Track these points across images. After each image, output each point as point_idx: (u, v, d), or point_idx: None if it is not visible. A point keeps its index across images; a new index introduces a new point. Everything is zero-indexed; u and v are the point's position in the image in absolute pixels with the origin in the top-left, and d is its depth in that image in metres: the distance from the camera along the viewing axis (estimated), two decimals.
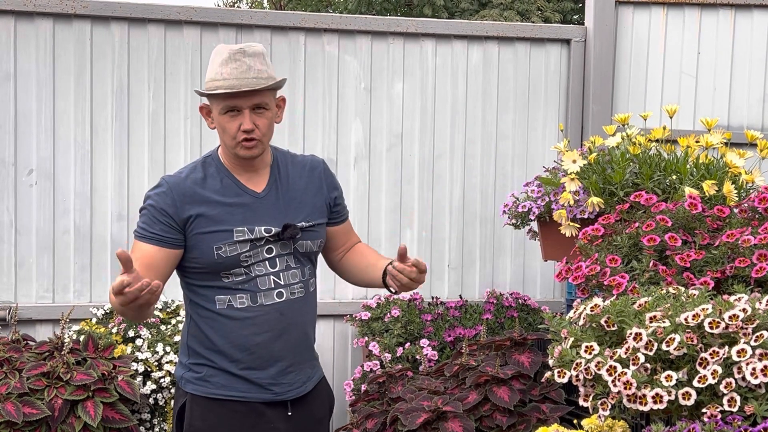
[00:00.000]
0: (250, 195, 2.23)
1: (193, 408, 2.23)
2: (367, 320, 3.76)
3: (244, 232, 2.18)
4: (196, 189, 2.19)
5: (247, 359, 2.21)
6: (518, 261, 4.26)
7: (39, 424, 3.07)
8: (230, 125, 2.16)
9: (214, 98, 2.17)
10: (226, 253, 2.17)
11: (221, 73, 2.13)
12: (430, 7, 12.34)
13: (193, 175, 2.23)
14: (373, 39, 4.09)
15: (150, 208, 2.19)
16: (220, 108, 2.16)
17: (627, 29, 4.24)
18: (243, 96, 2.13)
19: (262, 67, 2.15)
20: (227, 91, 2.12)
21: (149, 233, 2.18)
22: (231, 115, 2.16)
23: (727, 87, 4.29)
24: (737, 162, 2.65)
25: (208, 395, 2.22)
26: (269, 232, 2.20)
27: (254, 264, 2.20)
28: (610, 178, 2.78)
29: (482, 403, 2.95)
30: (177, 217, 2.17)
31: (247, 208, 2.21)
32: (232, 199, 2.21)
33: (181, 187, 2.19)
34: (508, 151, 4.22)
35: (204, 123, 3.94)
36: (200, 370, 2.24)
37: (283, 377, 2.25)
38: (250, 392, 2.22)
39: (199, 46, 3.93)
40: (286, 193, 2.28)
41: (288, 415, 2.26)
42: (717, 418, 1.60)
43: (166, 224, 2.17)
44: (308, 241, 2.28)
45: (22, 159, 3.78)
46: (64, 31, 3.80)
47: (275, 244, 2.22)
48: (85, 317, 3.70)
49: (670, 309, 1.81)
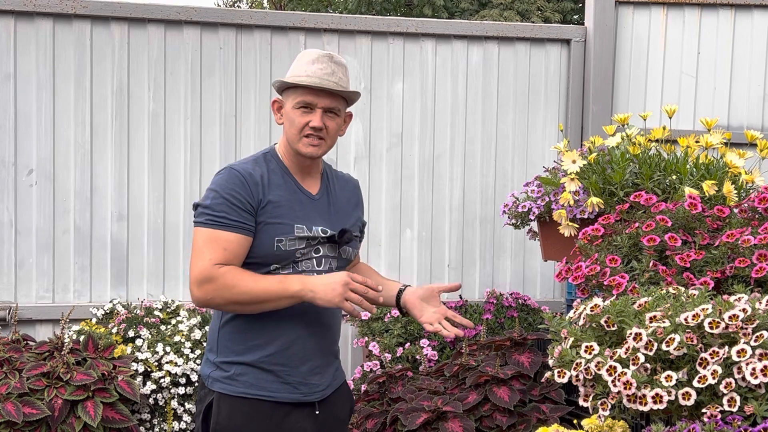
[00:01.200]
0: (307, 195, 2.28)
1: (221, 406, 2.23)
2: (367, 320, 3.76)
3: (303, 229, 2.22)
4: (264, 179, 2.23)
5: (280, 355, 2.22)
6: (518, 261, 4.26)
7: (39, 424, 3.07)
8: (300, 119, 2.22)
9: (291, 92, 2.23)
10: (286, 246, 2.20)
11: (306, 70, 2.21)
12: (430, 7, 12.34)
13: (257, 167, 2.26)
14: (373, 39, 4.09)
15: (228, 196, 2.17)
16: (296, 101, 2.22)
17: (627, 29, 4.24)
18: (320, 95, 2.21)
19: (344, 76, 2.25)
20: (309, 85, 2.18)
21: (232, 221, 2.16)
22: (304, 111, 2.22)
23: (727, 87, 4.29)
24: (737, 162, 2.65)
25: (236, 394, 2.22)
26: (325, 233, 2.25)
27: (303, 261, 2.24)
28: (610, 178, 2.78)
29: (482, 403, 2.96)
30: (253, 204, 2.19)
31: (305, 206, 2.26)
32: (292, 196, 2.26)
33: (253, 175, 2.22)
34: (508, 151, 4.22)
35: (203, 123, 3.94)
36: (228, 369, 2.24)
37: (311, 377, 2.27)
38: (278, 392, 2.23)
39: (199, 46, 3.93)
40: (335, 201, 2.35)
41: (316, 414, 2.28)
42: (717, 418, 1.60)
43: (246, 211, 2.17)
44: (350, 249, 2.35)
45: (22, 159, 3.78)
46: (64, 31, 3.81)
47: (323, 245, 2.27)
48: (85, 317, 3.70)
49: (670, 309, 1.81)
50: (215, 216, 2.16)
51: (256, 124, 3.99)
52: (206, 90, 3.95)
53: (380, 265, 4.09)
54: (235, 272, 2.14)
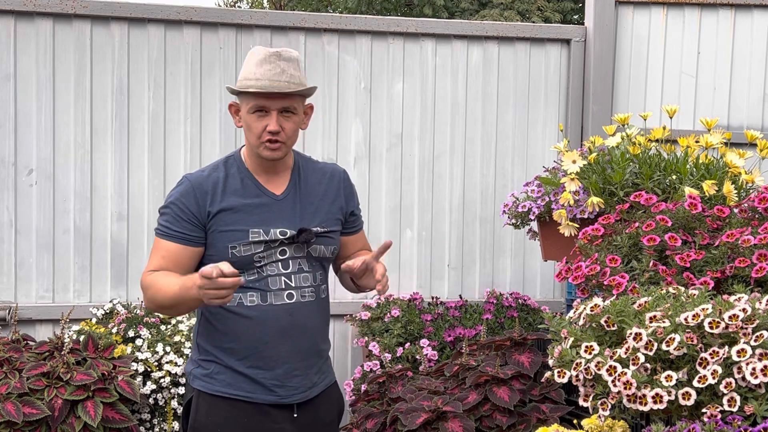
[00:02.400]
0: (269, 196, 2.27)
1: (199, 404, 2.26)
2: (367, 320, 3.76)
3: (260, 233, 2.22)
4: (217, 187, 2.24)
5: (254, 358, 2.23)
6: (518, 261, 4.26)
7: (39, 424, 3.07)
8: (257, 125, 2.21)
9: (244, 96, 2.22)
10: (241, 252, 2.20)
11: (255, 73, 2.18)
12: (430, 7, 12.33)
13: (214, 174, 2.28)
14: (373, 39, 4.09)
15: (173, 206, 2.24)
16: (249, 107, 2.21)
17: (627, 29, 4.24)
18: (273, 98, 2.19)
19: (295, 72, 2.21)
20: (259, 91, 2.17)
21: (173, 231, 2.22)
22: (259, 115, 2.21)
23: (727, 87, 4.29)
24: (737, 162, 2.65)
25: (214, 392, 2.24)
26: (284, 235, 2.23)
27: (267, 264, 2.23)
28: (610, 178, 2.78)
29: (482, 403, 2.95)
30: (199, 215, 2.22)
31: (264, 209, 2.25)
32: (250, 200, 2.25)
33: (203, 185, 2.24)
34: (508, 151, 4.22)
35: (203, 123, 3.94)
36: (208, 367, 2.27)
37: (289, 380, 2.26)
38: (255, 393, 2.24)
39: (199, 46, 3.93)
40: (305, 198, 2.32)
41: (294, 416, 2.27)
42: (717, 418, 1.60)
43: (189, 222, 2.22)
44: (322, 246, 2.31)
45: (22, 159, 3.78)
46: (64, 31, 3.80)
47: (289, 246, 2.25)
48: (85, 317, 3.70)
49: (670, 309, 1.81)
50: (161, 226, 2.26)
51: None
52: (206, 90, 3.95)
53: None
54: (156, 278, 2.19)
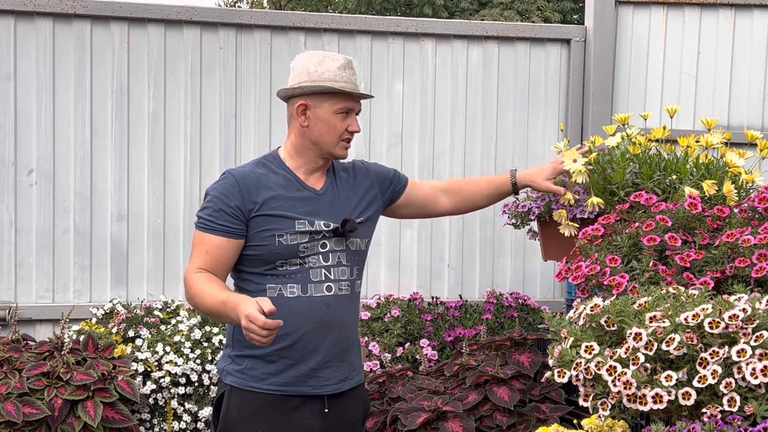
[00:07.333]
0: (310, 191, 2.34)
1: (231, 398, 2.29)
2: (367, 320, 3.76)
3: (305, 224, 2.27)
4: (260, 181, 2.29)
5: (290, 349, 2.26)
6: (518, 261, 4.25)
7: (39, 424, 3.07)
8: (342, 125, 2.32)
9: (329, 96, 2.30)
10: (287, 241, 2.25)
11: (342, 76, 2.30)
12: (430, 6, 12.34)
13: (256, 169, 2.33)
14: (373, 39, 4.09)
15: (216, 200, 2.26)
16: (337, 107, 2.31)
17: (627, 29, 4.24)
18: (356, 100, 2.35)
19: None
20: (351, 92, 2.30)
21: (218, 225, 2.25)
22: (343, 116, 2.32)
23: (727, 87, 4.28)
24: (737, 162, 2.65)
25: (246, 387, 2.28)
26: (328, 227, 2.30)
27: (309, 256, 2.28)
28: (610, 178, 2.77)
29: (482, 402, 2.96)
30: (244, 208, 2.25)
31: (307, 202, 2.31)
32: (293, 193, 2.31)
33: (246, 179, 2.28)
34: (508, 150, 4.22)
35: (203, 123, 3.94)
36: (241, 362, 2.29)
37: (321, 371, 2.29)
38: (286, 386, 2.27)
39: (199, 45, 3.93)
40: (342, 193, 2.40)
41: (325, 411, 2.30)
42: (717, 418, 1.60)
43: (233, 215, 2.24)
44: (358, 238, 2.38)
45: (22, 159, 3.78)
46: (64, 31, 3.80)
47: (330, 239, 2.31)
48: (85, 317, 3.70)
49: (670, 309, 1.81)
50: (204, 220, 2.27)
51: (256, 123, 3.99)
52: (206, 90, 3.95)
53: (380, 265, 4.10)
54: (201, 286, 2.19)
